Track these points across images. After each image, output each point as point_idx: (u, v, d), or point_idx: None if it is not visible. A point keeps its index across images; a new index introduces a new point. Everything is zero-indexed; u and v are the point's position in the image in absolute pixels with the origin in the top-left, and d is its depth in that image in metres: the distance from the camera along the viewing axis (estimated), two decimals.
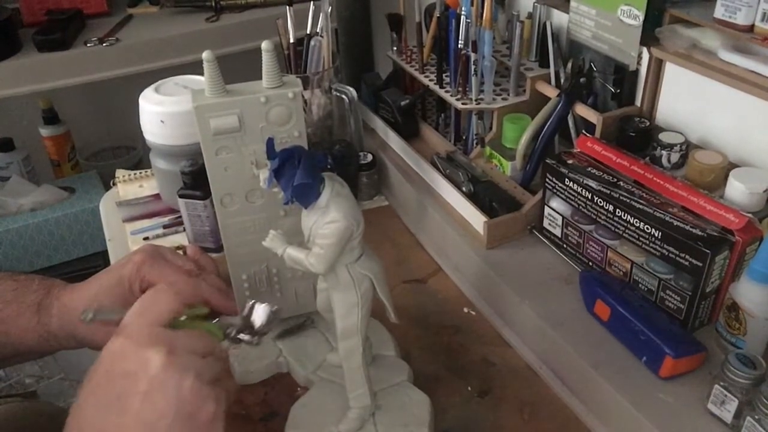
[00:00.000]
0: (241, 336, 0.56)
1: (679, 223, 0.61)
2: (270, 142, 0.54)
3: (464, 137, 0.98)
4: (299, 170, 0.51)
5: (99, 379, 0.49)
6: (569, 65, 0.83)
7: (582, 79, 0.81)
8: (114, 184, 1.04)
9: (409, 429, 0.61)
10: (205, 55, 0.59)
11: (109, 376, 0.49)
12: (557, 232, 0.76)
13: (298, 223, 0.56)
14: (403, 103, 1.00)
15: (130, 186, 1.03)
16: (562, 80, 0.83)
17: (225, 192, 0.65)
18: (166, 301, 0.52)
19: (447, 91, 0.92)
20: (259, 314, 0.57)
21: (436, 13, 0.92)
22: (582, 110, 0.80)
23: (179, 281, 0.69)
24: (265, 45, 0.60)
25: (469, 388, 0.68)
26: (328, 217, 0.53)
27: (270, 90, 0.62)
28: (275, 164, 0.52)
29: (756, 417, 0.52)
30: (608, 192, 0.67)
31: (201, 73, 0.63)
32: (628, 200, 0.65)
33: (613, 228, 0.67)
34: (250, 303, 0.58)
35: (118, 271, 0.70)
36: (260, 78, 0.62)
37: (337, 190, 0.54)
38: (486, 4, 0.82)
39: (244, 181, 0.65)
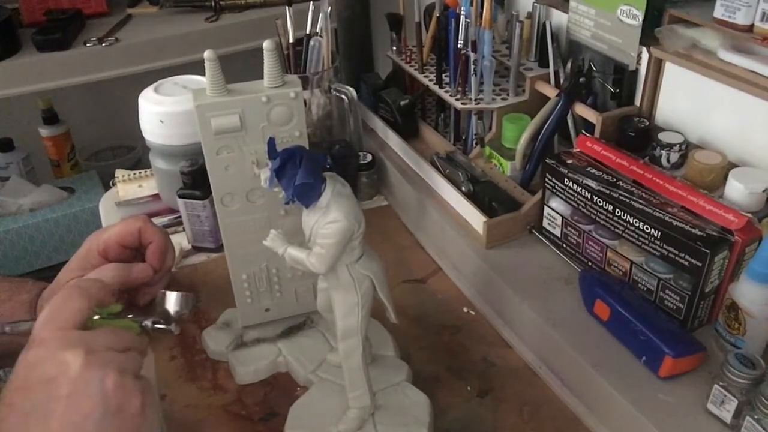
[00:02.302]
0: (158, 326, 0.56)
1: (678, 223, 0.61)
2: (271, 142, 0.54)
3: (464, 137, 0.98)
4: (300, 170, 0.51)
5: (15, 394, 0.48)
6: (569, 65, 0.83)
7: (581, 79, 0.81)
8: (113, 184, 1.04)
9: (408, 429, 0.61)
10: (207, 54, 0.59)
11: (26, 388, 0.48)
12: (557, 232, 0.76)
13: (299, 222, 0.56)
14: (402, 103, 1.00)
15: (130, 186, 1.03)
16: (561, 80, 0.83)
17: (226, 191, 0.65)
18: (74, 303, 0.51)
19: (446, 91, 0.92)
20: (171, 301, 0.58)
21: (436, 13, 0.92)
22: (581, 110, 0.80)
23: (127, 223, 0.71)
24: (267, 44, 0.60)
25: (469, 388, 0.68)
26: (329, 217, 0.53)
27: (271, 89, 0.62)
28: (276, 164, 0.52)
29: (755, 417, 0.52)
30: (608, 192, 0.67)
31: (201, 73, 0.63)
32: (627, 200, 0.66)
33: (612, 228, 0.68)
34: (162, 292, 0.58)
35: (73, 261, 0.72)
36: (260, 78, 0.62)
37: (339, 190, 0.54)
38: (485, 4, 0.82)
39: (244, 181, 0.65)
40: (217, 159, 0.63)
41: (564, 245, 0.76)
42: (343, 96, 0.94)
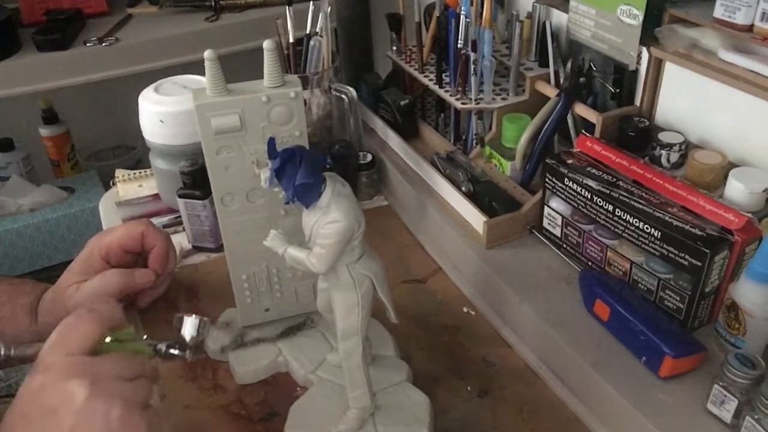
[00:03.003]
0: (172, 351, 0.54)
1: (678, 223, 0.61)
2: (271, 142, 0.54)
3: (464, 137, 0.98)
4: (301, 170, 0.51)
5: (18, 422, 0.47)
6: (569, 65, 0.83)
7: (581, 79, 0.81)
8: (113, 183, 1.04)
9: (408, 429, 0.61)
10: (207, 54, 0.59)
11: (29, 417, 0.47)
12: (557, 231, 0.76)
13: (299, 222, 0.56)
14: (402, 102, 1.00)
15: (130, 186, 1.03)
16: (561, 80, 0.83)
17: (226, 191, 0.65)
18: (85, 327, 0.49)
19: (446, 91, 0.92)
20: (189, 327, 0.55)
21: (436, 13, 0.92)
22: (581, 110, 0.80)
23: (129, 227, 0.73)
24: (267, 44, 0.60)
25: (469, 388, 0.68)
26: (330, 217, 0.53)
27: (271, 89, 0.62)
28: (276, 164, 0.52)
29: (755, 417, 0.52)
30: (608, 192, 0.67)
31: (201, 73, 0.63)
32: (627, 200, 0.66)
33: (612, 228, 0.67)
34: (178, 316, 0.56)
35: (74, 265, 0.73)
36: (260, 78, 0.62)
37: (339, 190, 0.54)
38: (485, 3, 0.82)
39: (244, 181, 0.65)
40: (217, 159, 0.63)
41: (564, 245, 0.76)
42: (343, 96, 0.94)
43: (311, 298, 0.72)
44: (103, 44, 1.38)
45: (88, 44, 1.38)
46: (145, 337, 0.56)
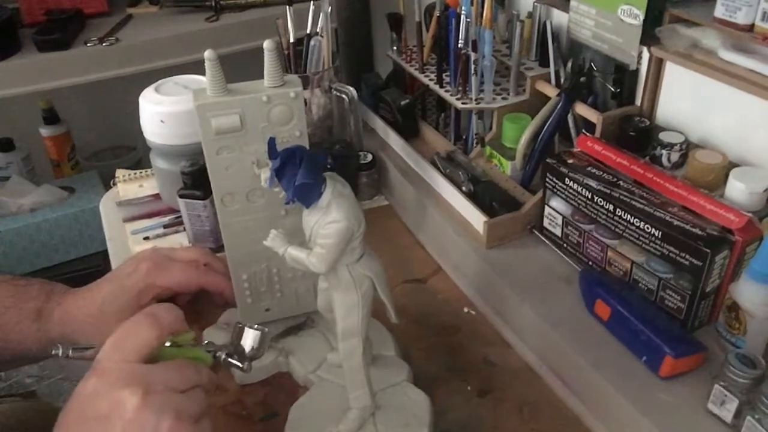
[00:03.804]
0: (231, 360, 0.54)
1: (679, 223, 0.61)
2: (271, 142, 0.54)
3: (464, 137, 0.98)
4: (301, 170, 0.51)
5: (70, 423, 0.47)
6: (569, 65, 0.83)
7: (582, 79, 0.81)
8: (114, 183, 1.04)
9: (409, 429, 0.61)
10: (207, 54, 0.59)
11: (81, 421, 0.47)
12: (557, 231, 0.76)
13: (299, 222, 0.56)
14: (403, 102, 1.00)
15: (130, 186, 1.03)
16: (562, 80, 0.83)
17: (226, 191, 0.65)
18: (144, 333, 0.49)
19: (447, 91, 0.92)
20: (249, 339, 0.55)
21: (436, 13, 0.92)
22: (582, 110, 0.80)
23: (189, 277, 0.71)
24: (267, 44, 0.60)
25: (469, 388, 0.68)
26: (330, 217, 0.53)
27: (271, 89, 0.62)
28: (277, 164, 0.52)
29: (756, 417, 0.52)
30: (608, 191, 0.67)
31: (201, 73, 0.63)
32: (628, 200, 0.66)
33: (613, 227, 0.67)
34: (239, 326, 0.56)
35: (121, 281, 0.70)
36: (260, 78, 0.62)
37: (339, 190, 0.54)
38: (486, 3, 0.82)
39: (245, 181, 0.65)
40: (217, 159, 0.63)
41: (564, 245, 0.76)
42: (344, 96, 0.94)
43: (311, 298, 0.72)
44: (104, 44, 1.38)
45: (88, 44, 1.38)
46: (206, 341, 0.55)
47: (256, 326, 0.56)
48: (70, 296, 0.71)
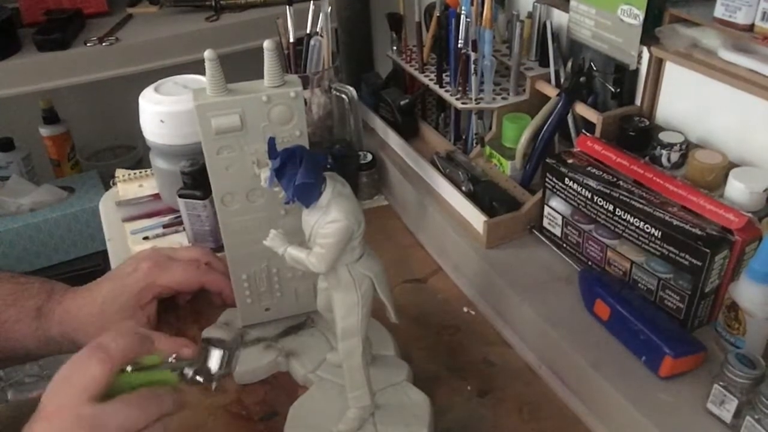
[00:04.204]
0: (198, 378, 0.53)
1: (678, 223, 0.61)
2: (271, 142, 0.54)
3: (464, 137, 0.98)
4: (301, 170, 0.51)
5: None
6: (569, 65, 0.83)
7: (582, 79, 0.81)
8: (114, 183, 1.04)
9: (408, 429, 0.61)
10: (207, 53, 0.59)
11: None
12: (557, 231, 0.76)
13: (299, 222, 0.56)
14: (402, 102, 1.00)
15: (130, 185, 1.03)
16: (562, 80, 0.83)
17: (226, 191, 0.65)
18: (92, 370, 0.45)
19: (447, 91, 0.92)
20: (214, 360, 0.54)
21: (436, 13, 0.92)
22: (582, 110, 0.80)
23: (190, 277, 0.71)
24: (267, 44, 0.60)
25: (469, 388, 0.68)
26: (330, 217, 0.53)
27: (272, 89, 0.62)
28: (276, 164, 0.52)
29: (756, 417, 0.52)
30: (608, 191, 0.67)
31: (201, 73, 0.63)
32: (627, 200, 0.66)
33: (612, 227, 0.67)
34: (204, 345, 0.54)
35: (121, 280, 0.70)
36: (260, 78, 0.62)
37: (339, 189, 0.54)
38: (486, 3, 0.82)
39: (245, 181, 0.65)
40: (217, 159, 0.63)
41: (564, 245, 0.76)
42: (344, 96, 0.94)
43: (311, 298, 0.72)
44: (104, 44, 1.38)
45: (88, 44, 1.38)
46: (173, 357, 0.53)
47: (225, 343, 0.54)
48: (70, 295, 0.71)
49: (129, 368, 0.48)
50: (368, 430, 0.61)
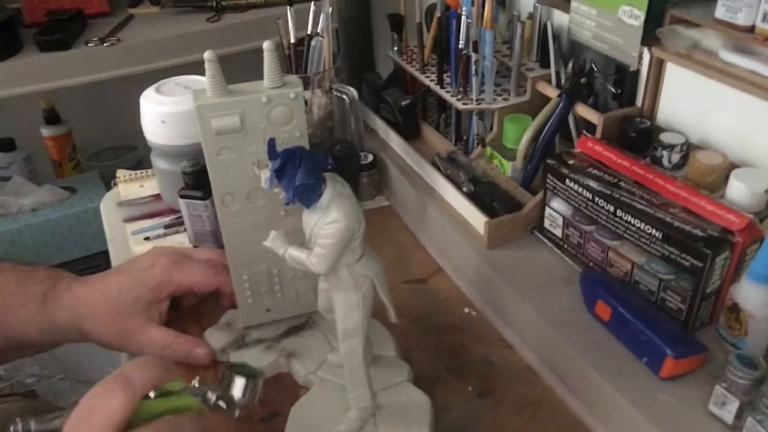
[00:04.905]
0: (220, 403, 0.51)
1: (679, 224, 0.61)
2: (271, 143, 0.54)
3: (465, 137, 0.98)
4: (300, 170, 0.51)
5: None
6: (570, 65, 0.83)
7: (583, 80, 0.81)
8: (115, 184, 1.04)
9: (410, 429, 0.61)
10: (207, 55, 0.59)
11: None
12: (558, 232, 0.76)
13: (299, 223, 0.56)
14: (403, 103, 1.00)
15: (131, 186, 1.03)
16: (562, 80, 0.83)
17: (226, 192, 0.65)
18: (113, 402, 0.45)
19: (448, 92, 0.92)
20: (238, 389, 0.52)
21: (437, 14, 0.92)
22: (583, 110, 0.80)
23: (206, 277, 0.71)
24: (266, 45, 0.60)
25: (470, 389, 0.68)
26: (330, 217, 0.53)
27: (271, 90, 0.62)
28: (276, 164, 0.52)
29: (757, 418, 0.52)
30: (609, 192, 0.67)
31: (202, 73, 0.63)
32: (628, 201, 0.65)
33: (613, 228, 0.67)
34: (229, 373, 0.53)
35: (137, 274, 0.70)
36: (261, 78, 0.62)
37: (339, 190, 0.54)
38: (487, 4, 0.82)
39: (245, 181, 0.65)
40: (217, 160, 0.63)
41: (565, 246, 0.76)
42: (345, 96, 0.94)
43: (312, 299, 0.72)
44: (105, 44, 1.38)
45: (89, 44, 1.38)
46: (195, 381, 0.52)
47: (249, 369, 0.53)
48: (80, 282, 0.70)
49: (152, 394, 0.48)
50: (369, 431, 0.61)
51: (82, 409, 0.45)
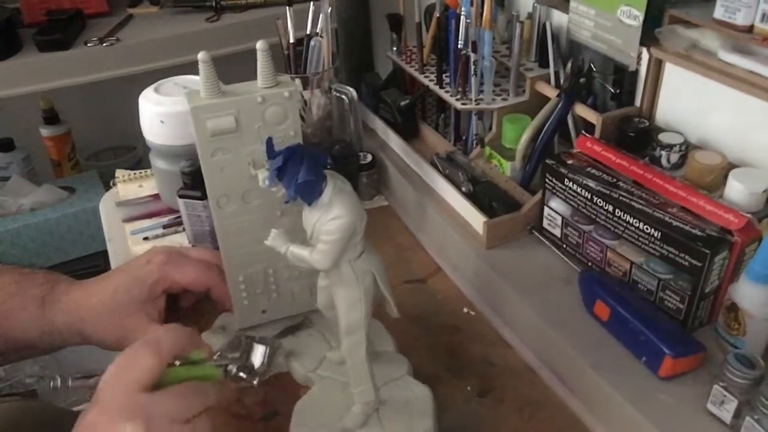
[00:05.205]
0: (241, 374, 0.54)
1: (678, 224, 0.61)
2: (269, 142, 0.54)
3: (464, 137, 0.98)
4: (303, 168, 0.51)
5: None
6: (569, 65, 0.83)
7: (582, 80, 0.81)
8: (114, 184, 1.04)
9: (413, 421, 0.61)
10: (201, 56, 0.59)
11: None
12: (557, 232, 0.76)
13: (296, 222, 0.57)
14: (402, 103, 1.00)
15: (130, 186, 1.03)
16: (561, 80, 0.83)
17: (221, 193, 0.65)
18: (144, 362, 0.48)
19: (447, 92, 0.92)
20: (258, 355, 0.55)
21: (436, 14, 0.92)
22: (581, 110, 0.80)
23: (200, 275, 0.71)
24: (260, 45, 0.60)
25: (469, 388, 0.68)
26: (332, 214, 0.53)
27: (266, 90, 0.62)
28: (278, 162, 0.52)
29: (755, 417, 0.52)
30: (608, 192, 0.67)
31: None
32: (627, 200, 0.66)
33: (612, 228, 0.68)
34: (248, 341, 0.55)
35: (134, 272, 0.71)
36: None
37: (339, 186, 0.54)
38: (486, 4, 0.82)
39: (240, 182, 0.65)
40: (212, 161, 0.63)
41: (564, 245, 0.76)
42: (344, 96, 0.94)
43: (307, 298, 0.73)
44: (104, 44, 1.38)
45: (88, 44, 1.38)
46: (217, 354, 0.55)
47: (266, 339, 0.55)
48: (77, 286, 0.71)
49: (177, 363, 0.51)
50: (373, 425, 0.61)
51: (115, 369, 0.48)
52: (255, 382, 0.54)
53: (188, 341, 0.53)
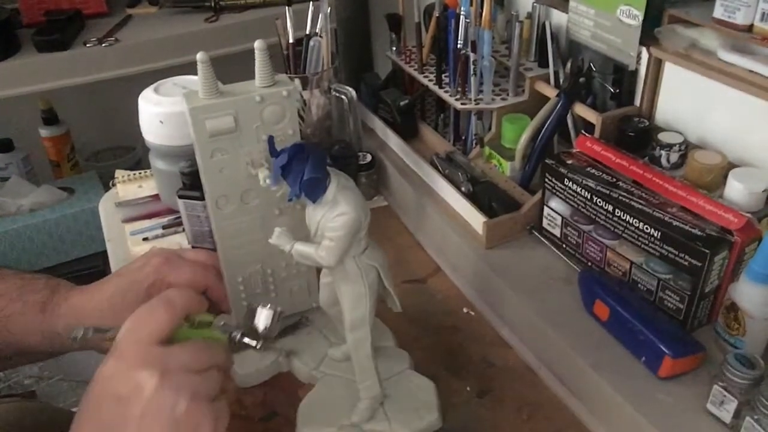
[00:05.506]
0: (246, 340, 0.55)
1: (678, 223, 0.61)
2: (271, 141, 0.54)
3: (463, 137, 0.98)
4: (308, 165, 0.51)
5: (91, 405, 0.49)
6: (568, 65, 0.83)
7: (581, 79, 0.81)
8: (113, 184, 1.04)
9: (418, 413, 0.62)
10: (199, 56, 0.59)
11: (101, 401, 0.48)
12: (556, 232, 0.76)
13: (294, 221, 0.57)
14: (402, 103, 1.00)
15: (130, 186, 1.03)
16: (561, 80, 0.83)
17: (220, 194, 0.65)
18: (159, 317, 0.51)
19: (446, 91, 0.92)
20: (262, 318, 0.56)
21: (435, 13, 0.92)
22: (581, 110, 0.80)
23: (197, 277, 0.70)
24: (257, 44, 0.60)
25: (469, 389, 0.68)
26: (337, 210, 0.53)
27: (264, 89, 0.62)
28: (283, 160, 0.52)
29: (755, 417, 0.52)
30: (607, 192, 0.67)
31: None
32: (627, 200, 0.65)
33: (612, 228, 0.67)
34: (252, 306, 0.57)
35: (130, 276, 0.70)
36: None
37: (343, 183, 0.54)
38: (485, 4, 0.82)
39: (239, 182, 0.64)
40: (211, 162, 0.63)
41: (564, 245, 0.76)
42: (343, 96, 0.94)
43: (306, 297, 0.73)
44: (103, 45, 1.38)
45: (87, 45, 1.38)
46: (222, 323, 0.56)
47: (268, 305, 0.56)
48: (76, 291, 0.71)
49: (186, 325, 0.53)
50: (380, 419, 0.62)
51: (132, 323, 0.51)
52: (260, 345, 0.55)
53: (198, 303, 0.55)
